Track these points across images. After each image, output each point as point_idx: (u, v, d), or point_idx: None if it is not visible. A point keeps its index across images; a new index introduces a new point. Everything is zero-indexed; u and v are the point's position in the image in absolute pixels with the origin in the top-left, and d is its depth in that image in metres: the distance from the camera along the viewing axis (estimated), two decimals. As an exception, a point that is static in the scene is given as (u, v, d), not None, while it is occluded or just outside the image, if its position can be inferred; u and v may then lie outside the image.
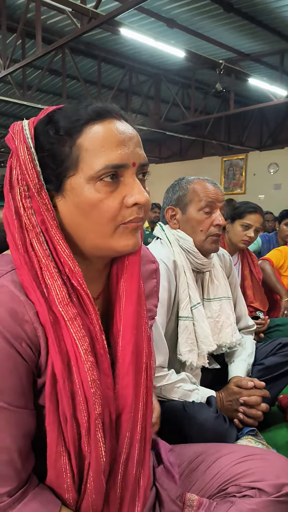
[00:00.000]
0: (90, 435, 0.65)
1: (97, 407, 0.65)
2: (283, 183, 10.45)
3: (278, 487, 0.84)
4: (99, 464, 0.66)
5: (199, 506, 0.86)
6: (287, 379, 1.70)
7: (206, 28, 6.18)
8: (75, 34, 4.87)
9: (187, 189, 1.50)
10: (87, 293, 0.67)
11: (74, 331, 0.64)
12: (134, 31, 5.02)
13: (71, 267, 0.66)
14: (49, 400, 0.63)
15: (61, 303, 0.64)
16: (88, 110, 0.66)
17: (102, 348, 0.68)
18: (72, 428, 0.64)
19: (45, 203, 0.66)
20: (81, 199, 0.65)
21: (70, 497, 0.66)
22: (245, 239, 2.25)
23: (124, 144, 0.66)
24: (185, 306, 1.44)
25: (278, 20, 6.03)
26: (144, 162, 0.69)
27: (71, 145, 0.65)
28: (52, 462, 0.65)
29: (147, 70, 8.32)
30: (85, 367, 0.64)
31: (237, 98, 9.00)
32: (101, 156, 0.64)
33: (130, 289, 0.74)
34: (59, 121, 0.66)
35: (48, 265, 0.65)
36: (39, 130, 0.68)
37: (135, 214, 0.67)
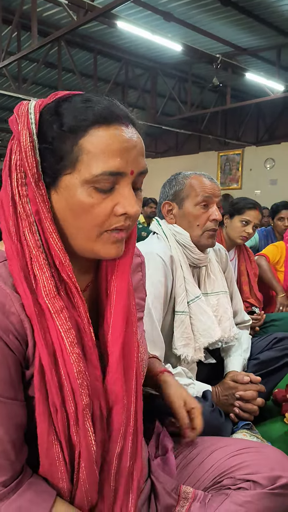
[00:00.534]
0: (78, 425, 0.65)
1: (84, 398, 0.65)
2: (279, 179, 10.47)
3: (272, 480, 0.85)
4: (90, 453, 0.66)
5: (194, 498, 0.86)
6: (282, 373, 1.71)
7: (203, 22, 6.16)
8: (71, 26, 4.84)
9: (184, 184, 1.50)
10: (76, 287, 0.68)
11: (59, 324, 0.64)
12: (131, 24, 4.99)
13: (62, 260, 0.66)
14: (38, 391, 0.64)
15: (48, 296, 0.64)
16: (96, 111, 0.64)
17: (90, 340, 0.68)
18: (62, 418, 0.64)
19: (42, 193, 0.65)
20: (74, 200, 0.65)
21: (65, 486, 0.66)
22: (243, 235, 2.26)
23: (126, 152, 0.65)
24: (182, 301, 1.44)
25: (275, 14, 6.02)
26: (143, 171, 0.69)
27: (72, 144, 0.64)
28: (44, 451, 0.65)
29: (144, 64, 8.27)
30: (71, 358, 0.64)
31: (234, 93, 8.98)
32: (101, 161, 0.63)
33: (121, 287, 0.75)
34: (65, 116, 0.65)
35: (38, 256, 0.65)
36: (44, 117, 0.66)
37: (122, 222, 0.67)
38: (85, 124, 0.64)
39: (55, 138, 0.64)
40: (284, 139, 10.34)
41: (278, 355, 1.69)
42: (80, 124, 0.64)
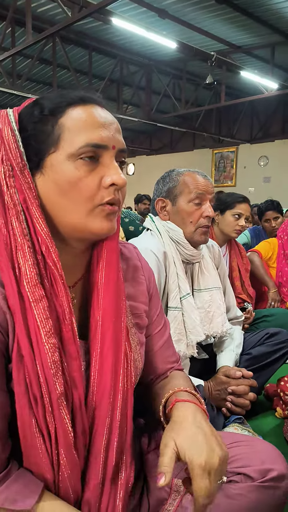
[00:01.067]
0: (53, 414, 0.65)
1: (59, 387, 0.65)
2: (272, 176, 10.52)
3: (263, 473, 0.86)
4: (68, 441, 0.67)
5: (186, 490, 0.87)
6: (274, 368, 1.73)
7: (198, 19, 6.16)
8: (65, 23, 4.82)
9: (177, 181, 1.51)
10: (60, 274, 0.68)
11: (37, 313, 0.65)
12: (126, 21, 4.98)
13: (48, 245, 0.67)
14: (17, 384, 0.64)
15: (29, 284, 0.65)
16: (71, 94, 0.70)
17: (69, 331, 0.68)
18: (42, 408, 0.65)
19: (28, 181, 0.68)
20: (60, 175, 0.67)
21: (49, 477, 0.67)
22: (237, 228, 2.29)
23: (105, 127, 0.69)
24: (175, 297, 1.45)
25: (269, 12, 6.03)
26: (123, 148, 0.71)
27: (53, 124, 0.68)
28: (28, 443, 0.65)
29: (139, 61, 8.26)
30: (45, 348, 0.65)
31: (228, 91, 9.00)
32: (82, 134, 0.67)
33: (108, 278, 0.75)
34: (43, 103, 0.69)
35: (22, 245, 0.66)
36: (23, 114, 0.70)
37: (112, 195, 0.69)
38: (63, 104, 0.68)
39: (36, 123, 0.68)
40: (278, 137, 10.39)
41: (270, 350, 1.71)
42: (59, 105, 0.68)
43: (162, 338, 0.95)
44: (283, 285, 2.91)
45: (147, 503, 0.85)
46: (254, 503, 0.84)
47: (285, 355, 1.73)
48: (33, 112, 0.69)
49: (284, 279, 2.91)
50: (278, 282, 2.91)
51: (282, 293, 2.89)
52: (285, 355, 1.73)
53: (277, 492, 0.86)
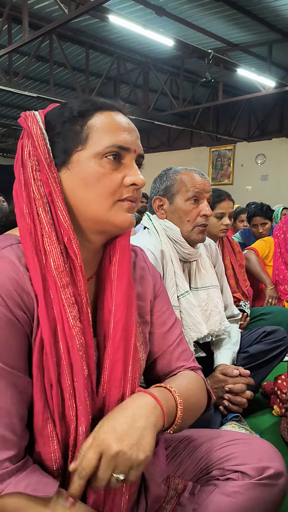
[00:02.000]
0: (76, 397, 0.68)
1: (85, 369, 0.69)
2: (270, 174, 10.52)
3: (260, 470, 0.86)
4: (89, 422, 0.69)
5: (183, 489, 0.88)
6: (271, 366, 1.74)
7: (195, 17, 6.14)
8: (62, 20, 4.80)
9: (175, 179, 1.51)
10: (80, 264, 0.72)
11: (64, 297, 0.69)
12: (123, 18, 4.97)
13: (70, 237, 0.71)
14: (36, 368, 0.67)
15: (58, 269, 0.69)
16: (98, 101, 0.76)
17: (86, 319, 0.72)
18: (57, 394, 0.67)
19: (54, 176, 0.73)
20: (86, 171, 0.73)
21: (58, 467, 0.68)
22: (222, 228, 2.22)
23: (128, 132, 0.76)
24: (172, 295, 1.45)
25: (267, 10, 6.02)
26: (142, 154, 0.79)
27: (82, 124, 0.74)
28: (39, 431, 0.67)
29: (136, 59, 8.24)
30: (73, 331, 0.68)
31: (226, 89, 8.99)
32: (109, 136, 0.73)
33: (121, 272, 0.79)
34: (73, 106, 0.76)
35: (50, 233, 0.70)
36: (50, 115, 0.77)
37: (131, 193, 0.75)
38: (92, 109, 0.75)
39: (65, 123, 0.74)
40: (275, 135, 10.39)
41: (267, 348, 1.71)
42: (89, 108, 0.75)
43: (172, 335, 0.94)
44: (280, 283, 2.92)
45: (144, 501, 0.86)
46: (251, 501, 0.84)
47: (282, 353, 1.74)
48: (62, 113, 0.75)
49: (280, 277, 2.92)
50: (275, 281, 2.92)
51: (279, 291, 2.90)
52: (282, 353, 1.74)
53: (274, 489, 0.86)
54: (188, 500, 0.86)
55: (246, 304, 2.36)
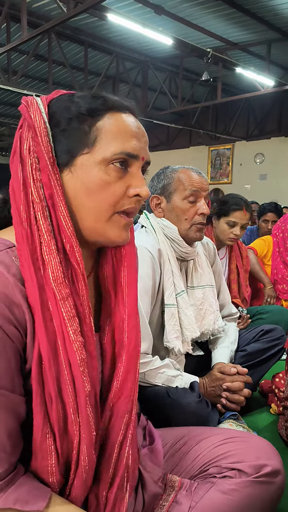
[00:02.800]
0: (79, 413, 0.66)
1: (87, 385, 0.66)
2: (268, 174, 10.53)
3: (257, 468, 0.86)
4: (91, 441, 0.68)
5: (181, 486, 0.88)
6: (269, 365, 1.74)
7: (194, 15, 6.14)
8: (61, 18, 4.79)
9: (172, 178, 1.50)
10: (83, 273, 0.68)
11: (64, 311, 0.65)
12: (121, 17, 4.96)
13: (73, 245, 0.67)
14: (36, 382, 0.64)
15: (56, 281, 0.64)
16: (109, 100, 0.70)
17: (89, 330, 0.69)
18: (58, 408, 0.65)
19: (57, 178, 0.67)
20: (90, 177, 0.68)
21: (55, 480, 0.67)
22: (231, 237, 2.20)
23: (138, 138, 0.71)
24: (170, 294, 1.45)
25: (265, 9, 6.02)
26: (149, 161, 0.75)
27: (90, 124, 0.68)
28: (37, 444, 0.65)
29: (135, 57, 8.23)
30: (74, 346, 0.65)
31: (225, 88, 9.00)
32: (119, 142, 0.68)
33: (131, 278, 0.78)
34: (80, 101, 0.69)
35: (49, 242, 0.65)
36: (55, 106, 0.69)
37: (133, 204, 0.71)
38: (102, 108, 0.69)
39: (72, 120, 0.67)
40: (274, 134, 10.39)
41: (265, 347, 1.71)
42: (100, 107, 0.68)
43: None
44: (278, 282, 2.92)
45: (142, 498, 0.86)
46: (248, 498, 0.85)
47: (279, 352, 1.74)
48: (69, 108, 0.68)
49: (279, 277, 2.92)
50: (273, 280, 2.92)
51: (277, 290, 2.91)
52: (280, 352, 1.74)
53: (271, 487, 0.87)
54: (185, 498, 0.86)
55: (243, 310, 2.34)
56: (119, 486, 0.73)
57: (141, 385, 1.34)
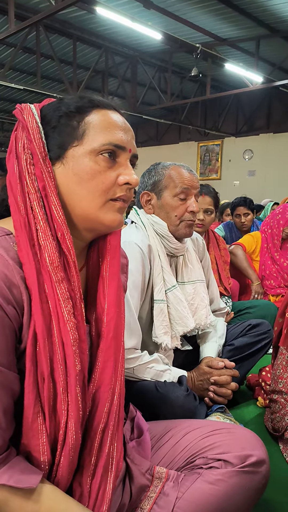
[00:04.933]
0: (68, 391, 0.69)
1: (78, 364, 0.69)
2: (257, 170, 10.60)
3: (242, 458, 0.89)
4: (79, 418, 0.70)
5: (168, 478, 0.90)
6: (256, 358, 1.77)
7: (183, 10, 6.13)
8: (49, 11, 4.74)
9: (163, 174, 1.51)
10: (74, 260, 0.72)
11: (60, 293, 0.69)
12: (110, 11, 4.93)
13: (64, 232, 0.71)
14: (30, 362, 0.67)
15: (52, 265, 0.69)
16: (95, 99, 0.77)
17: (80, 315, 0.72)
18: (49, 387, 0.67)
19: (49, 170, 0.72)
20: (81, 167, 0.73)
21: (46, 459, 0.68)
22: (196, 223, 2.21)
23: (125, 132, 0.77)
24: (160, 290, 1.47)
25: (254, 5, 6.03)
26: (136, 154, 0.80)
27: (79, 120, 0.74)
28: (29, 424, 0.67)
29: (124, 52, 8.19)
30: (68, 326, 0.69)
31: (214, 84, 9.00)
32: (106, 134, 0.74)
33: (113, 271, 0.81)
34: (69, 102, 0.76)
35: (45, 228, 0.70)
36: (46, 109, 0.77)
37: (124, 192, 0.76)
38: (89, 105, 0.75)
39: (62, 117, 0.74)
40: (262, 131, 10.46)
41: (252, 341, 1.74)
42: (86, 104, 0.75)
43: None
44: (266, 278, 2.96)
45: (129, 490, 0.87)
46: (234, 488, 0.87)
47: (266, 346, 1.77)
48: (59, 108, 0.75)
49: (267, 272, 2.96)
50: (261, 275, 2.96)
51: (265, 286, 2.94)
52: (267, 346, 1.77)
53: (257, 476, 0.89)
54: (172, 489, 0.88)
55: (228, 300, 2.38)
56: (102, 476, 0.74)
57: (130, 380, 1.35)
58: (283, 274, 2.93)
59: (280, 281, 2.93)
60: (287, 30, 6.84)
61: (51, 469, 0.71)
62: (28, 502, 0.64)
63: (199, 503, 0.86)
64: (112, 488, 0.75)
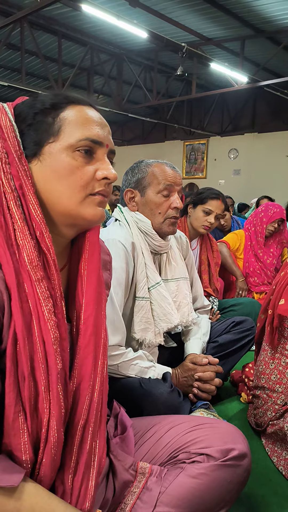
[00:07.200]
0: (50, 390, 0.69)
1: (59, 363, 0.69)
2: (242, 169, 10.69)
3: (224, 452, 0.90)
4: (61, 416, 0.70)
5: (151, 473, 0.90)
6: (239, 355, 1.79)
7: (169, 9, 6.13)
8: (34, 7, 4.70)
9: (146, 172, 1.52)
10: (53, 259, 0.72)
11: (40, 292, 0.69)
12: (96, 8, 4.91)
13: (42, 231, 0.71)
14: (10, 361, 0.66)
15: (31, 264, 0.69)
16: (70, 95, 0.76)
17: (60, 313, 0.72)
18: (29, 387, 0.67)
19: (25, 169, 0.72)
20: (58, 163, 0.73)
21: (28, 458, 0.68)
22: (205, 225, 2.28)
23: (101, 127, 0.76)
24: (143, 287, 1.47)
25: (239, 5, 6.07)
26: (113, 149, 0.79)
27: (54, 116, 0.74)
28: (10, 423, 0.67)
29: (109, 50, 8.16)
30: (48, 325, 0.69)
31: (199, 83, 9.04)
32: (82, 129, 0.74)
33: (91, 268, 0.80)
34: (44, 98, 0.75)
35: (23, 228, 0.70)
36: (20, 107, 0.76)
37: (103, 187, 0.76)
38: (64, 101, 0.75)
39: (37, 114, 0.74)
40: (247, 130, 10.55)
41: (236, 338, 1.76)
42: (61, 100, 0.75)
43: None
44: (250, 275, 2.99)
45: (113, 486, 0.88)
46: (216, 481, 0.88)
47: (250, 343, 1.79)
48: (34, 105, 0.75)
49: (251, 270, 2.99)
50: (245, 273, 2.99)
51: (249, 283, 2.98)
52: (250, 343, 1.79)
53: (238, 470, 0.90)
54: (155, 484, 0.89)
55: (215, 299, 2.40)
56: (84, 472, 0.74)
57: (115, 377, 1.36)
58: (266, 271, 2.97)
59: (264, 278, 2.97)
60: (271, 31, 6.91)
61: (34, 467, 0.70)
62: (9, 500, 0.64)
63: (181, 497, 0.86)
64: (94, 485, 0.75)
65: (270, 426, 1.40)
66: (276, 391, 1.40)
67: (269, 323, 1.43)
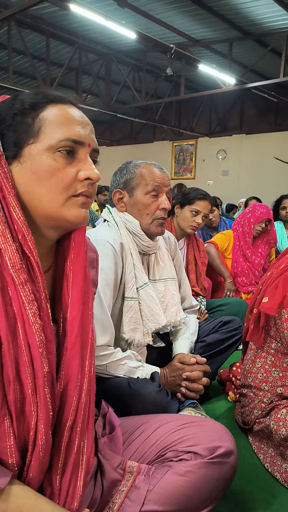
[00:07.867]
0: (37, 393, 0.68)
1: (45, 366, 0.69)
2: (230, 170, 10.77)
3: (211, 450, 0.91)
4: (48, 418, 0.70)
5: (139, 472, 0.91)
6: (227, 354, 1.81)
7: (157, 10, 6.15)
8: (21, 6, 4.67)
9: (135, 173, 1.52)
10: (37, 261, 0.71)
11: (24, 295, 0.68)
12: (84, 8, 4.90)
13: (25, 234, 0.70)
14: None
15: (14, 267, 0.68)
16: (50, 94, 0.74)
17: (46, 315, 0.72)
18: (15, 390, 0.67)
19: (5, 171, 0.70)
20: (39, 164, 0.71)
21: (14, 461, 0.68)
22: (193, 225, 2.31)
23: (83, 126, 0.74)
24: (131, 287, 1.48)
25: (227, 7, 6.12)
26: (97, 148, 0.77)
27: (34, 117, 0.71)
28: None
29: (98, 50, 8.15)
30: (33, 328, 0.68)
31: (188, 84, 9.08)
32: (63, 129, 0.71)
33: (77, 268, 0.79)
34: (24, 98, 0.73)
35: (4, 231, 0.68)
36: (0, 108, 0.73)
37: (86, 188, 0.74)
38: (45, 100, 0.73)
39: (16, 115, 0.71)
40: (235, 132, 10.64)
41: (223, 337, 1.78)
42: (40, 100, 0.73)
43: None
44: (238, 275, 3.02)
45: (101, 485, 0.88)
46: (203, 478, 0.89)
47: (237, 342, 1.81)
48: (13, 105, 0.72)
49: (239, 270, 3.02)
50: (233, 273, 3.02)
51: (237, 283, 3.00)
52: (237, 342, 1.81)
53: (225, 467, 0.92)
54: (143, 482, 0.89)
55: (203, 299, 2.42)
56: (72, 473, 0.74)
57: (103, 377, 1.36)
58: (254, 271, 3.00)
59: (252, 277, 3.00)
60: (259, 33, 6.99)
61: (22, 470, 0.70)
62: None
63: (169, 495, 0.88)
64: (82, 485, 0.75)
65: (257, 424, 1.42)
66: (262, 389, 1.42)
67: (253, 321, 1.45)
